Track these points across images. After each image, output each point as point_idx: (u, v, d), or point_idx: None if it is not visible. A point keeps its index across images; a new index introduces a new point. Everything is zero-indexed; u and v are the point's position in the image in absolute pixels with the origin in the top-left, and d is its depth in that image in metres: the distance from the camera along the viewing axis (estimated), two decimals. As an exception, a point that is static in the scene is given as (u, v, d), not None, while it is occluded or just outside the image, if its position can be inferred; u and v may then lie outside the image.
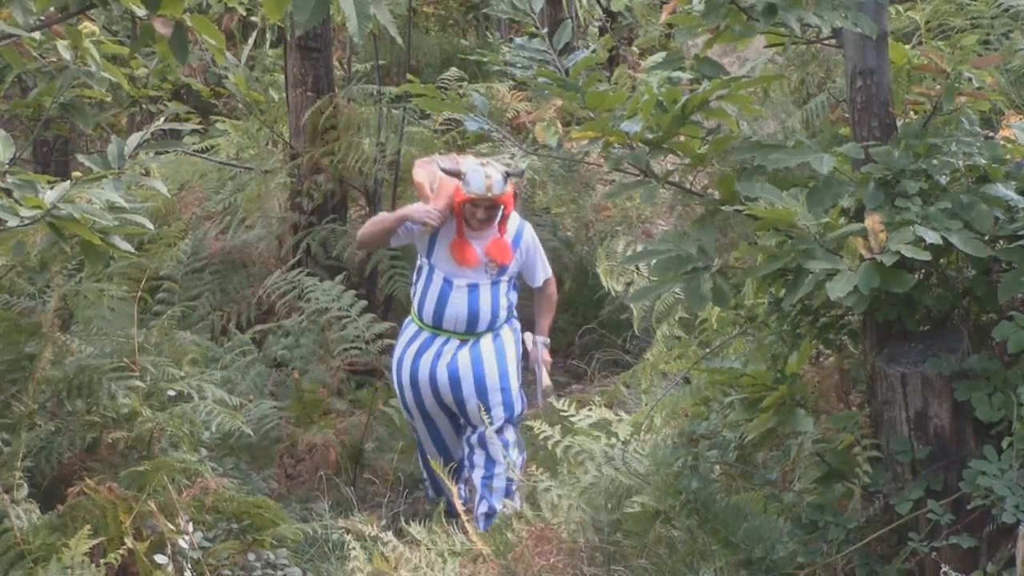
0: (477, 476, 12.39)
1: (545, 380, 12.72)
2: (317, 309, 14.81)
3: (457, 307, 12.16)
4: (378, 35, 11.05)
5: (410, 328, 12.61)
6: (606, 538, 8.75)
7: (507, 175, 11.93)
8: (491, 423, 11.76)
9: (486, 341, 12.37)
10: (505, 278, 12.34)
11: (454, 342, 12.35)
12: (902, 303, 9.28)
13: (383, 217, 12.88)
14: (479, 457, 12.39)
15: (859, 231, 8.85)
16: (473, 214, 11.85)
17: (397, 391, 12.68)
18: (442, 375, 12.24)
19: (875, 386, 9.52)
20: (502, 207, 11.97)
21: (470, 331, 12.29)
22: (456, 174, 11.68)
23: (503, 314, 12.44)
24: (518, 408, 12.52)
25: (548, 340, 12.98)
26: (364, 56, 16.57)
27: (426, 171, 12.12)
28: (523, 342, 12.85)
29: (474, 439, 12.39)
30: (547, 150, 13.87)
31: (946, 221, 8.92)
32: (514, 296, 12.62)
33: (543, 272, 12.75)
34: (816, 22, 9.33)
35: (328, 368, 14.53)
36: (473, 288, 12.14)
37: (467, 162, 12.06)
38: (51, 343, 12.24)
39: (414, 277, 12.65)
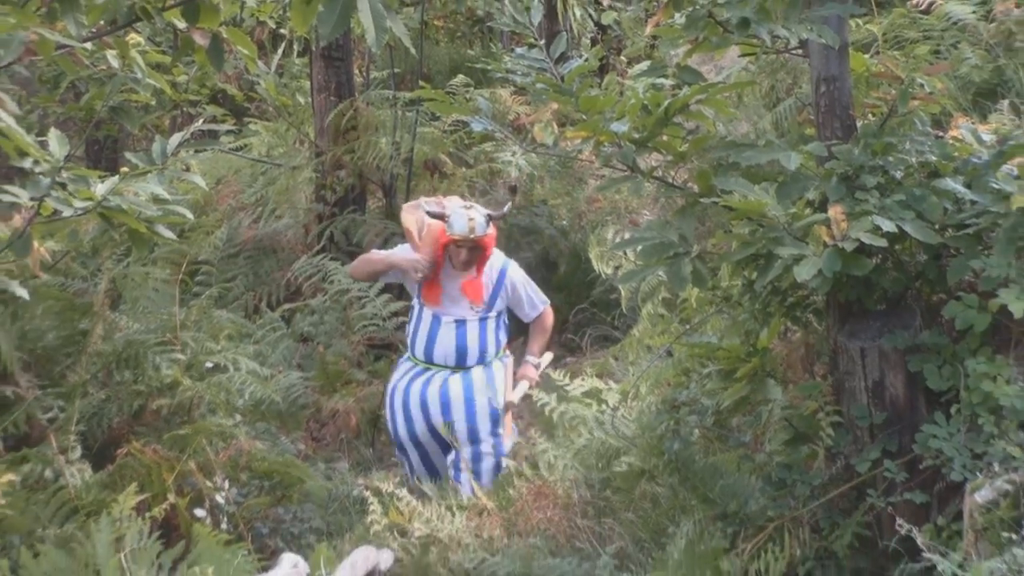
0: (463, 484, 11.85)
1: (514, 395, 12.09)
2: (339, 290, 14.83)
3: (446, 342, 11.87)
4: (393, 46, 11.02)
5: (404, 364, 12.31)
6: (597, 494, 8.75)
7: (489, 217, 11.64)
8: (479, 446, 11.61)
9: (477, 370, 12.00)
10: (493, 315, 12.00)
11: (445, 372, 12.00)
12: (861, 285, 9.40)
13: (374, 259, 12.42)
14: (464, 476, 11.84)
15: (823, 220, 8.99)
16: (457, 255, 11.63)
17: (390, 422, 12.28)
18: (433, 398, 11.89)
19: (837, 359, 9.67)
20: (483, 249, 11.70)
21: (460, 365, 11.93)
22: (440, 216, 11.41)
23: (492, 349, 12.06)
24: (507, 444, 12.02)
25: (538, 360, 12.49)
26: (381, 64, 16.53)
27: (414, 217, 11.75)
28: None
29: (461, 463, 11.89)
30: (544, 148, 13.83)
31: (901, 211, 9.05)
32: (503, 335, 12.35)
33: (533, 308, 12.42)
34: (785, 34, 9.46)
35: (349, 342, 14.54)
36: (460, 324, 11.86)
37: (451, 205, 11.74)
38: (102, 320, 12.27)
39: (409, 315, 12.43)
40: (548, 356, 12.61)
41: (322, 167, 15.97)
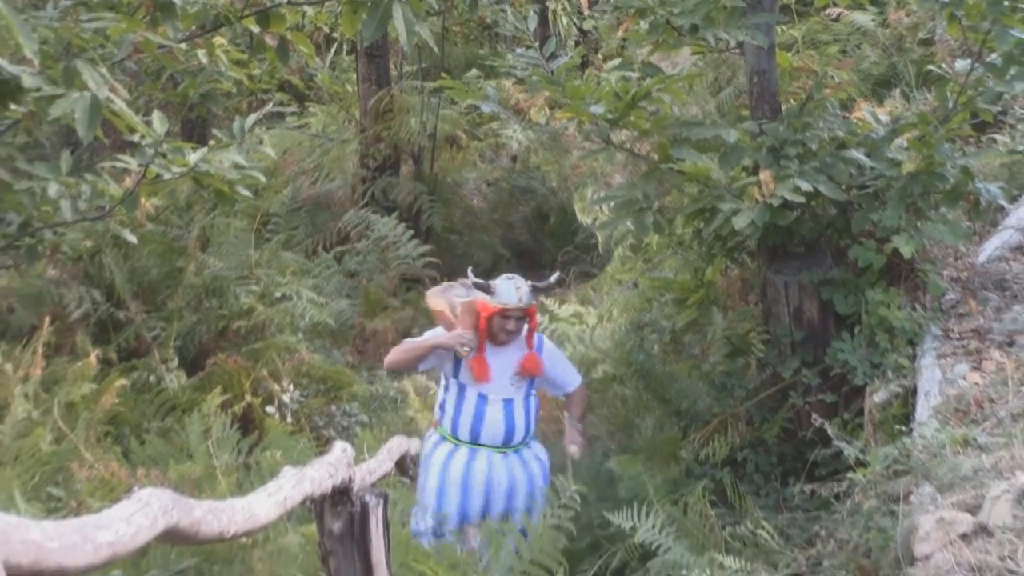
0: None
1: (572, 447, 9.26)
2: (379, 236, 14.80)
3: (495, 422, 8.98)
4: (421, 46, 10.97)
5: (443, 447, 9.20)
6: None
7: (534, 288, 9.09)
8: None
9: (528, 453, 9.26)
10: (533, 391, 9.25)
11: (496, 454, 9.14)
12: (785, 232, 9.57)
13: (414, 345, 9.54)
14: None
15: (755, 182, 9.24)
16: (503, 326, 8.91)
17: (434, 495, 9.06)
18: (499, 483, 9.00)
19: (766, 290, 9.95)
20: (529, 319, 9.08)
21: (506, 444, 9.10)
22: (486, 288, 8.91)
23: (533, 426, 9.31)
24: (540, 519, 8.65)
25: (581, 426, 9.56)
26: (411, 60, 16.47)
27: (444, 299, 9.41)
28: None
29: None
30: (538, 126, 13.83)
31: (815, 175, 9.29)
32: (537, 405, 9.42)
33: (568, 384, 9.47)
34: (726, 37, 9.73)
35: (387, 277, 14.53)
36: (508, 403, 9.02)
37: (494, 282, 9.18)
38: (194, 260, 12.29)
39: (440, 395, 9.39)
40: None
41: (365, 141, 15.95)
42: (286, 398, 11.28)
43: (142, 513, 2.88)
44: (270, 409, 11.04)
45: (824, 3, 11.78)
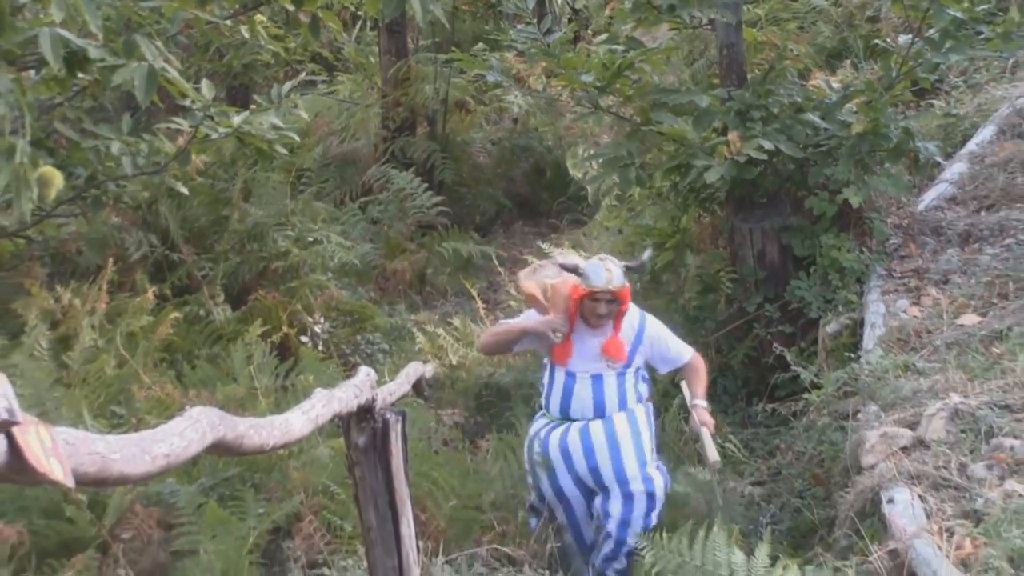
0: (599, 559, 7.63)
1: (711, 454, 7.41)
2: (397, 188, 14.76)
3: (582, 399, 7.56)
4: (434, 22, 10.89)
5: (539, 421, 7.94)
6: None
7: (626, 268, 7.59)
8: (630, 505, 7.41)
9: (618, 414, 7.60)
10: (631, 370, 7.71)
11: (585, 421, 7.60)
12: (750, 185, 9.59)
13: (506, 329, 8.12)
14: (609, 545, 7.55)
15: (724, 142, 9.35)
16: (593, 309, 7.43)
17: (530, 478, 7.92)
18: (574, 445, 7.51)
19: (733, 235, 10.00)
20: (620, 302, 7.48)
21: (598, 417, 7.56)
22: (574, 269, 7.46)
23: (631, 402, 7.66)
24: (660, 483, 7.51)
25: (705, 402, 7.74)
26: (426, 35, 16.41)
27: (535, 281, 7.90)
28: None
29: (611, 506, 7.52)
30: (536, 92, 13.75)
31: (777, 136, 9.36)
32: (644, 388, 7.86)
33: (675, 361, 7.96)
34: (699, 14, 9.89)
35: (405, 224, 14.49)
36: (597, 379, 7.56)
37: (580, 260, 7.90)
38: (237, 209, 12.25)
39: (542, 374, 8.08)
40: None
41: (386, 105, 15.93)
42: (317, 329, 11.30)
43: (193, 428, 2.89)
44: (304, 338, 11.07)
45: (785, -14, 11.80)
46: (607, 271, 7.25)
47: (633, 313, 7.68)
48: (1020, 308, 7.96)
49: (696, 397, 7.65)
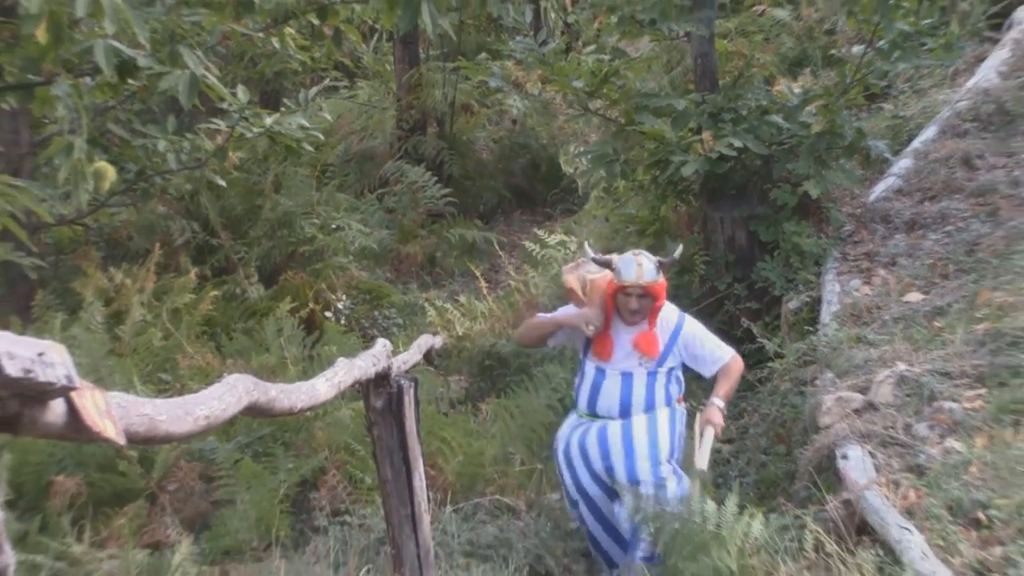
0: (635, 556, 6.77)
1: (701, 459, 6.61)
2: (410, 181, 14.72)
3: (610, 395, 6.79)
4: (442, 35, 10.86)
5: (570, 418, 7.17)
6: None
7: (659, 264, 6.77)
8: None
9: (638, 416, 6.81)
10: (663, 369, 6.87)
11: (606, 421, 6.85)
12: (721, 178, 9.62)
13: (541, 322, 7.32)
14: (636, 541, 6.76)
15: (699, 140, 9.48)
16: (626, 304, 6.73)
17: (559, 475, 7.15)
18: (591, 443, 6.76)
19: (706, 223, 9.98)
20: (653, 298, 6.74)
21: (623, 417, 6.81)
22: (607, 264, 6.79)
23: (659, 403, 6.83)
24: (674, 486, 6.59)
25: (723, 403, 6.86)
26: (435, 46, 16.34)
27: (575, 275, 7.13)
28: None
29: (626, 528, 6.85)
30: (533, 96, 13.75)
31: (745, 135, 9.38)
32: (675, 389, 7.02)
33: (714, 362, 6.97)
34: (677, 28, 10.03)
35: (416, 212, 14.46)
36: (627, 376, 6.79)
37: (616, 255, 7.00)
38: (269, 199, 12.26)
39: (578, 373, 7.22)
40: (709, 432, 6.89)
41: (400, 108, 15.88)
42: (340, 305, 11.29)
43: (230, 393, 2.89)
44: (327, 314, 11.06)
45: (752, 2, 11.79)
46: (638, 266, 6.58)
47: (671, 312, 6.95)
48: (959, 287, 7.97)
49: (715, 396, 6.82)
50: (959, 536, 5.09)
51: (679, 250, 7.15)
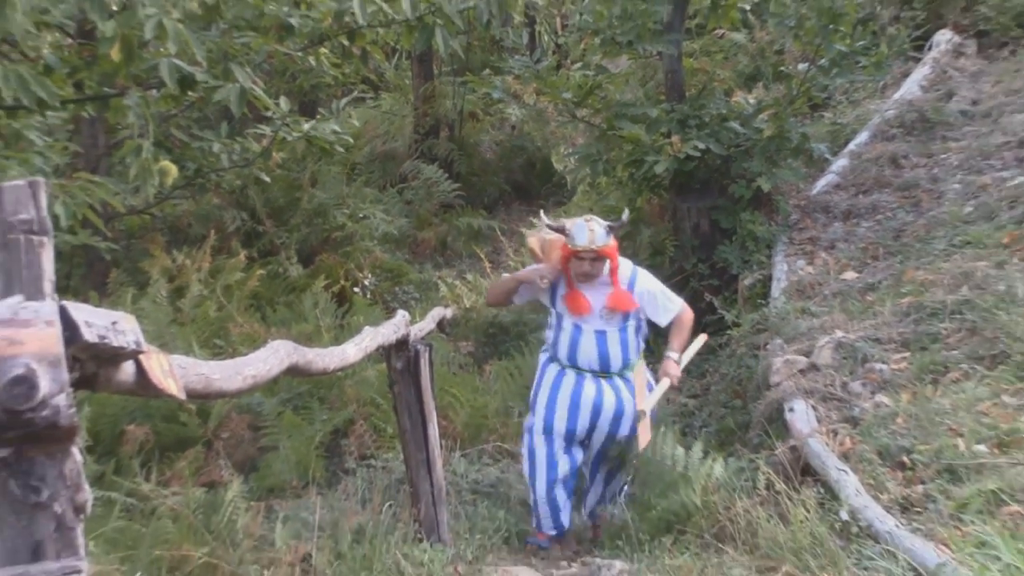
0: (592, 500, 6.69)
1: (646, 402, 6.18)
2: (426, 177, 14.67)
3: (588, 350, 6.26)
4: (452, 54, 10.81)
5: (551, 368, 6.45)
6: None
7: (609, 228, 6.21)
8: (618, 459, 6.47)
9: (622, 382, 6.31)
10: (631, 323, 6.35)
11: (603, 379, 6.28)
12: (688, 175, 9.63)
13: (504, 280, 7.03)
14: (597, 487, 6.65)
15: (669, 143, 9.36)
16: (579, 267, 6.18)
17: (543, 409, 6.36)
18: (608, 408, 6.21)
19: (675, 213, 9.97)
20: (607, 260, 6.21)
21: (604, 370, 6.29)
22: (560, 230, 6.23)
23: (633, 355, 6.38)
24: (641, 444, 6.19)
25: (677, 355, 6.38)
26: (446, 63, 16.26)
27: (537, 238, 6.69)
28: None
29: (598, 477, 6.62)
30: (529, 106, 13.71)
31: (708, 138, 9.39)
32: (641, 337, 6.57)
33: (667, 312, 6.44)
34: (650, 48, 9.89)
35: (431, 204, 14.41)
36: (601, 334, 6.26)
37: (571, 220, 6.42)
38: (306, 193, 12.21)
39: (548, 322, 6.65)
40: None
41: (416, 116, 15.80)
42: (366, 282, 11.29)
43: (274, 356, 2.89)
44: (356, 289, 11.06)
45: (713, 27, 11.73)
46: (590, 231, 6.06)
47: (625, 268, 6.40)
48: (887, 267, 7.98)
49: (670, 349, 6.35)
50: (887, 476, 5.12)
51: (626, 214, 6.64)
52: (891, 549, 4.34)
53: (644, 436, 5.85)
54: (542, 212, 6.70)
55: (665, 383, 6.19)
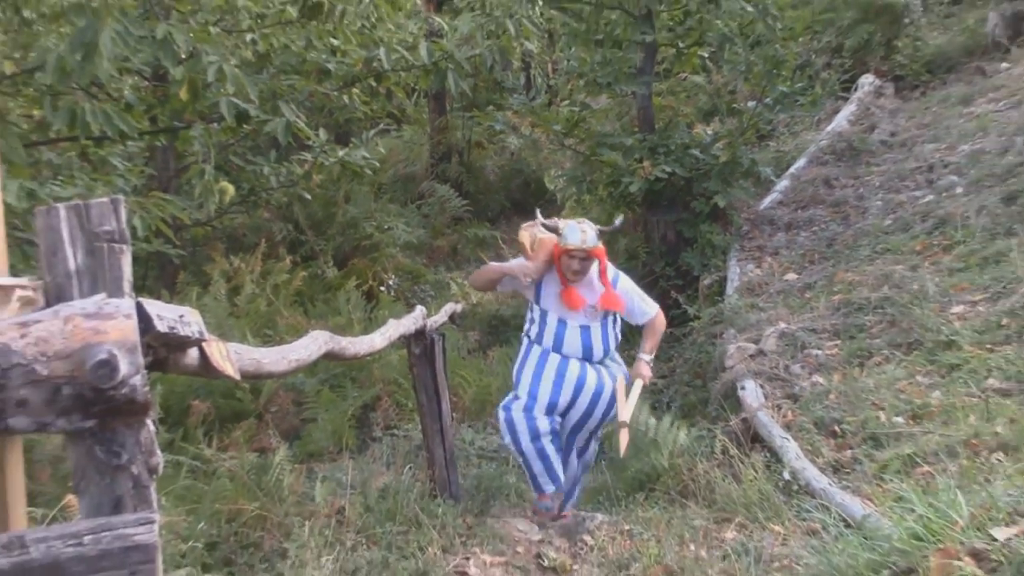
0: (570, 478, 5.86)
1: (624, 411, 5.37)
2: (440, 195, 14.65)
3: (573, 343, 5.58)
4: (462, 93, 10.81)
5: (537, 348, 5.68)
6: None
7: (600, 231, 5.60)
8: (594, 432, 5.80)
9: (616, 368, 5.73)
10: (610, 318, 5.71)
11: (576, 360, 5.57)
12: (657, 193, 9.58)
13: (490, 267, 5.96)
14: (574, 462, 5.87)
15: (641, 167, 9.31)
16: (569, 265, 5.51)
17: (530, 382, 5.61)
18: (590, 386, 5.52)
19: (647, 225, 9.91)
20: (595, 260, 5.57)
21: (587, 359, 5.63)
22: (554, 229, 5.58)
23: (612, 346, 5.73)
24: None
25: (649, 357, 5.72)
26: (457, 100, 16.22)
27: (528, 233, 5.93)
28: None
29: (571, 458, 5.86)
30: (525, 136, 13.65)
31: (674, 163, 9.37)
32: (618, 332, 5.86)
33: (643, 315, 5.79)
34: (626, 88, 9.86)
35: (444, 217, 14.39)
36: (585, 329, 5.60)
37: (565, 221, 5.73)
38: (341, 208, 12.18)
39: (529, 315, 5.88)
40: (639, 383, 5.70)
41: (432, 144, 15.80)
42: (390, 282, 11.28)
43: (314, 343, 2.88)
44: (382, 288, 11.05)
45: (678, 71, 11.72)
46: (583, 232, 5.44)
47: (609, 271, 5.71)
48: (822, 269, 7.99)
49: (643, 352, 5.74)
50: (822, 443, 5.14)
51: (619, 219, 6.28)
52: (825, 503, 4.35)
53: (624, 444, 5.29)
54: (538, 211, 6.01)
55: (639, 384, 5.60)
